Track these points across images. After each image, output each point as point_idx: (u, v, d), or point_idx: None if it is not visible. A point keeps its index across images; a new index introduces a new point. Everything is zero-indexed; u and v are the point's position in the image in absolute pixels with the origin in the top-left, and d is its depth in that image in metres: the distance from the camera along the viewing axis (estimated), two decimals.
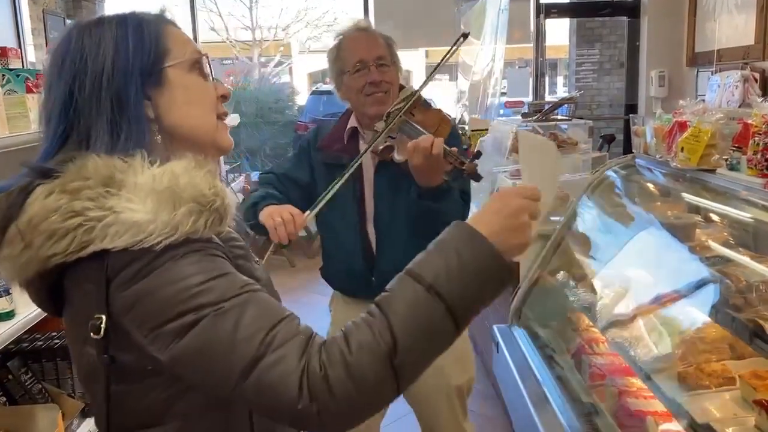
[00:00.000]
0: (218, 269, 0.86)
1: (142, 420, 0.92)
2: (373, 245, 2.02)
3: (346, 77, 1.96)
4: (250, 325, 0.81)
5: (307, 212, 1.74)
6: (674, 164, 2.39)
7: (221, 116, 1.02)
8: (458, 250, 0.86)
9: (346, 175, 1.75)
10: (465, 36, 1.88)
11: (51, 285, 0.92)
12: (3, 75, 2.05)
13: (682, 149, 2.33)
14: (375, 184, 1.99)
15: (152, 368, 0.87)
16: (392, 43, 2.02)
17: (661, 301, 2.31)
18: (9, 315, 1.74)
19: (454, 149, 1.70)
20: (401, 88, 2.00)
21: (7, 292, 1.72)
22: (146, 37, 0.95)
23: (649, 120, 2.84)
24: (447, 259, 0.85)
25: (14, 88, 2.05)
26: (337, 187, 1.73)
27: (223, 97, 1.02)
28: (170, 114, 0.96)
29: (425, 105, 1.90)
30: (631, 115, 3.52)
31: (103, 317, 0.85)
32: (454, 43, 1.89)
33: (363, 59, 1.92)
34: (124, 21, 0.96)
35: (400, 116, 1.79)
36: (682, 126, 2.41)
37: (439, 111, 1.89)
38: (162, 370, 0.87)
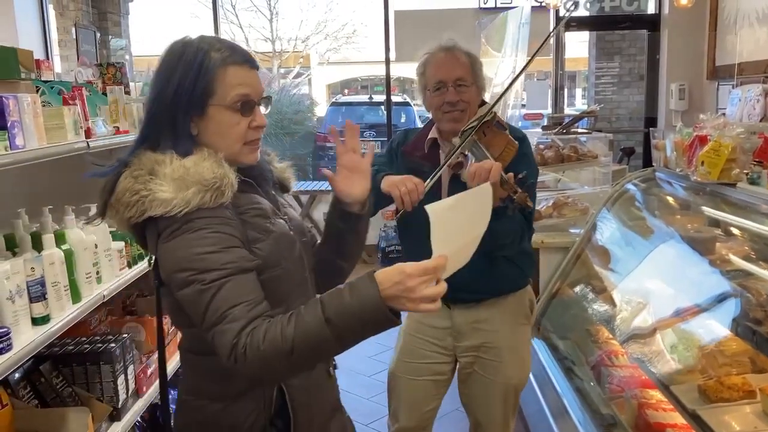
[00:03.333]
0: (216, 245, 1.21)
1: (180, 320, 1.34)
2: None
3: (428, 93, 2.09)
4: (220, 300, 1.18)
5: (427, 181, 1.87)
6: (694, 178, 2.41)
7: (250, 143, 1.33)
8: (358, 298, 1.15)
9: (442, 168, 1.89)
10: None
11: (141, 234, 1.32)
12: (37, 88, 2.12)
13: (703, 163, 2.35)
14: (449, 196, 2.04)
15: None
16: (476, 62, 2.09)
17: (681, 314, 2.32)
18: (45, 319, 1.78)
19: (510, 175, 1.75)
20: (483, 103, 2.07)
21: (44, 297, 1.77)
22: (201, 78, 1.27)
23: (669, 133, 2.85)
24: (349, 300, 1.16)
25: (49, 99, 2.11)
26: (438, 174, 1.87)
27: (258, 127, 1.34)
28: (205, 136, 1.31)
29: (498, 126, 1.96)
30: (651, 128, 3.53)
31: (154, 256, 1.29)
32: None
33: (443, 80, 2.02)
34: (195, 56, 1.28)
35: (472, 136, 1.89)
36: (703, 140, 2.42)
37: (506, 135, 1.94)
38: None
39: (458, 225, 1.24)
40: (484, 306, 2.12)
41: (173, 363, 2.56)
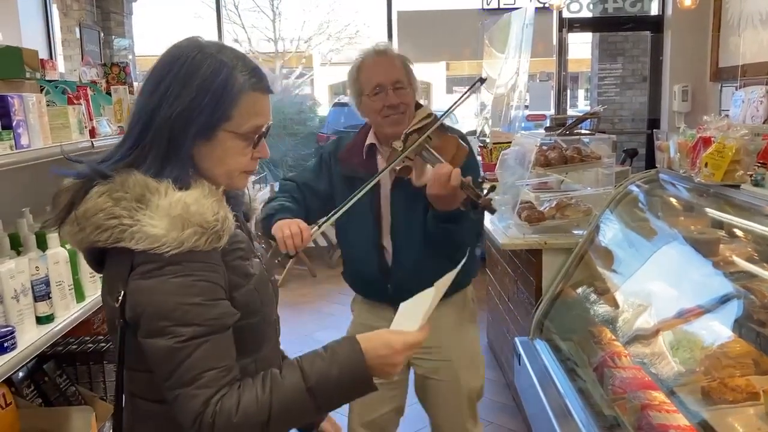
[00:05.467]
0: (202, 295, 1.09)
1: (142, 364, 1.14)
2: (389, 258, 2.10)
3: (365, 98, 2.05)
4: (194, 361, 1.07)
5: (315, 227, 1.82)
6: (698, 179, 2.40)
7: (248, 172, 1.23)
8: (342, 367, 1.12)
9: (359, 195, 1.81)
10: (482, 80, 2.00)
11: (98, 256, 1.19)
12: (41, 87, 2.13)
13: (706, 164, 2.34)
14: (392, 200, 2.06)
15: None
16: (409, 64, 2.07)
17: (684, 316, 2.32)
18: (49, 318, 1.79)
19: (468, 179, 1.77)
20: (419, 106, 2.06)
21: (48, 296, 1.78)
22: (223, 100, 1.13)
23: (673, 135, 2.85)
24: (332, 370, 1.11)
25: (53, 99, 2.12)
26: (348, 205, 1.79)
27: (260, 158, 1.24)
28: (204, 161, 1.17)
29: (442, 129, 1.96)
30: (654, 130, 3.53)
31: (122, 291, 1.11)
32: (471, 87, 1.99)
33: (381, 83, 1.99)
34: (217, 74, 1.13)
35: (419, 141, 1.87)
36: (706, 141, 2.42)
37: (456, 138, 1.94)
38: None
39: (437, 301, 1.28)
40: None
41: None
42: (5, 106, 1.66)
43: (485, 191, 1.79)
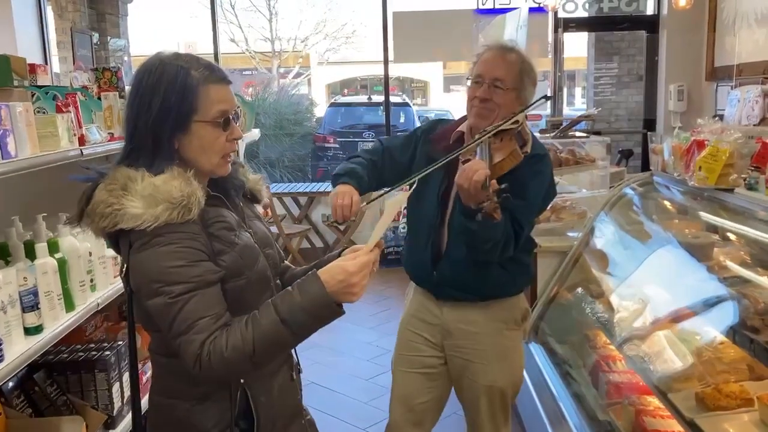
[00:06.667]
0: (184, 259, 1.30)
1: (149, 325, 1.42)
2: (443, 246, 2.12)
3: (468, 82, 2.12)
4: (187, 313, 1.29)
5: (364, 203, 1.91)
6: (692, 183, 2.40)
7: (227, 155, 1.42)
8: (306, 298, 1.31)
9: (411, 179, 1.81)
10: (547, 98, 2.09)
11: (114, 241, 1.40)
12: (32, 93, 2.11)
13: (700, 168, 2.34)
14: (457, 193, 2.05)
15: None
16: (527, 70, 2.07)
17: (678, 320, 2.32)
18: (38, 329, 1.77)
19: (493, 183, 1.74)
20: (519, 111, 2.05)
21: (36, 307, 1.76)
22: (186, 97, 1.34)
23: (667, 137, 2.84)
24: (299, 300, 1.31)
25: (43, 105, 2.10)
26: (397, 187, 1.81)
27: (235, 139, 1.43)
28: (186, 152, 1.39)
29: (517, 136, 1.93)
30: (649, 132, 3.52)
31: (126, 264, 1.36)
32: (533, 103, 2.04)
33: (482, 74, 2.04)
34: (176, 76, 1.35)
35: (486, 137, 1.90)
36: (700, 145, 2.42)
37: (514, 145, 1.91)
38: None
39: (389, 219, 1.41)
40: (472, 308, 2.12)
41: None
42: None
43: (498, 200, 1.73)
